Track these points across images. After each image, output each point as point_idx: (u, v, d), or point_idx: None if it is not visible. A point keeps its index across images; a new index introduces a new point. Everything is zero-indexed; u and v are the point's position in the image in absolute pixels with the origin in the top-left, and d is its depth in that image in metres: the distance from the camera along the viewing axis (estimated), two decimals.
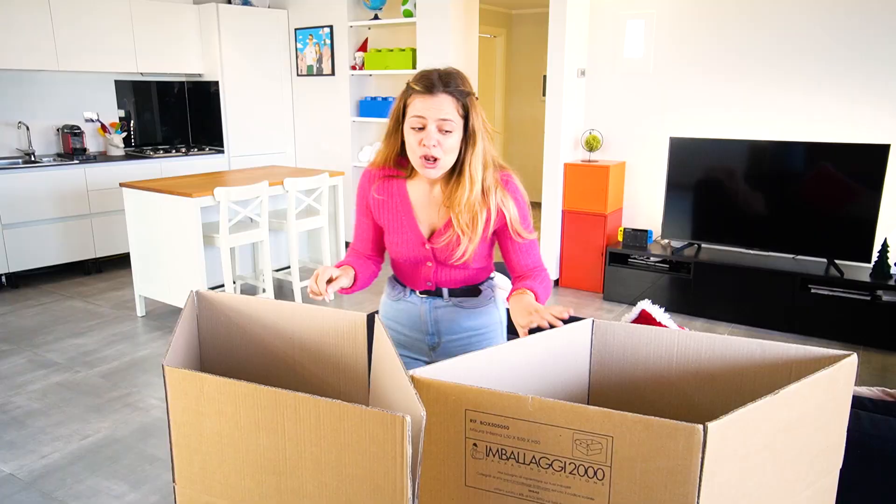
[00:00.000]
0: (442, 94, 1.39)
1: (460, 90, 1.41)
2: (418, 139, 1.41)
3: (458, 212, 1.47)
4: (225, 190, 3.67)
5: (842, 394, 1.14)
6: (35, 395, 3.07)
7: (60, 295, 4.55)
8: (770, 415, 1.00)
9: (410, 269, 1.61)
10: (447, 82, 1.40)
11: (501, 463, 1.10)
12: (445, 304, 1.62)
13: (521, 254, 1.58)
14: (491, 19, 7.47)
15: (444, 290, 1.61)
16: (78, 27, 4.84)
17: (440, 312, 1.62)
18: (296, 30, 5.93)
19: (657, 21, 4.44)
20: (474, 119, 1.43)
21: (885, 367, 3.45)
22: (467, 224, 1.48)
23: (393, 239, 1.57)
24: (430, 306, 1.63)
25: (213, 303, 1.44)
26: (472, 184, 1.45)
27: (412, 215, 1.54)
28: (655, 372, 1.37)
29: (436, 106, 1.38)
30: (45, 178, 4.66)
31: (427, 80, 1.40)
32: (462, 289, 1.62)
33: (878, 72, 3.79)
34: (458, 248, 1.50)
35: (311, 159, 6.16)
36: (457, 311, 1.63)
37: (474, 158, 1.45)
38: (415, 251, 1.55)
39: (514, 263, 1.59)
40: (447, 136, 1.41)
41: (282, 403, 1.01)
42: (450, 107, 1.39)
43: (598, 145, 4.64)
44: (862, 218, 3.67)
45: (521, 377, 1.34)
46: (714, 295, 4.07)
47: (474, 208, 1.47)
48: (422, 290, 1.63)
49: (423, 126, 1.40)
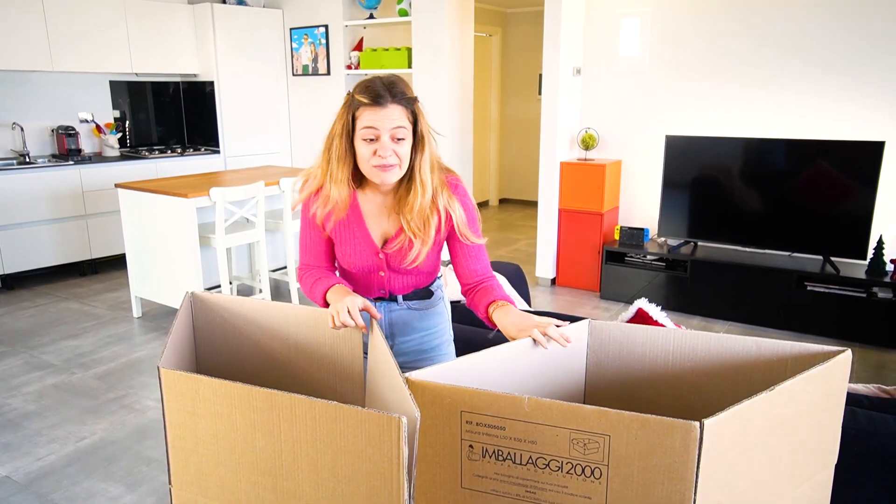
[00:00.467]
0: (391, 104, 1.39)
1: (407, 98, 1.42)
2: (371, 150, 1.41)
3: (411, 217, 1.47)
4: (221, 190, 3.67)
5: (836, 389, 1.14)
6: (31, 396, 3.07)
7: (56, 296, 4.54)
8: (765, 411, 1.00)
9: (363, 279, 1.60)
10: (394, 92, 1.40)
11: (498, 464, 1.10)
12: (399, 308, 1.63)
13: (470, 258, 1.57)
14: (486, 18, 7.47)
15: (399, 296, 1.61)
16: (72, 27, 4.82)
17: (394, 316, 1.63)
18: (291, 29, 5.92)
19: (652, 19, 4.44)
20: (422, 124, 1.45)
21: (880, 363, 3.46)
22: (419, 228, 1.48)
23: (345, 250, 1.56)
24: (385, 311, 1.63)
25: (209, 304, 1.44)
26: (423, 188, 1.46)
27: (364, 226, 1.54)
28: (652, 371, 1.37)
29: (387, 116, 1.39)
30: (39, 179, 4.64)
31: (373, 92, 1.39)
32: (415, 292, 1.63)
33: (872, 70, 3.80)
34: (410, 252, 1.50)
35: (306, 159, 6.15)
36: (411, 314, 1.64)
37: (423, 163, 1.45)
38: (368, 261, 1.55)
39: (463, 269, 1.59)
40: (400, 144, 1.41)
41: (278, 405, 1.01)
42: (400, 115, 1.40)
43: (594, 144, 4.65)
44: (857, 215, 3.68)
45: (517, 378, 1.34)
46: (710, 293, 4.08)
47: (426, 212, 1.48)
48: (375, 297, 1.63)
49: (376, 137, 1.40)
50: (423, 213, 1.48)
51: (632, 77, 4.60)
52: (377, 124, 1.39)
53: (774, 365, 1.27)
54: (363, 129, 1.40)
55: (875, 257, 3.70)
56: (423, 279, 1.63)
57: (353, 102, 1.43)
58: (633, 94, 4.63)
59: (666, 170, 4.23)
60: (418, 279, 1.62)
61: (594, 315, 4.16)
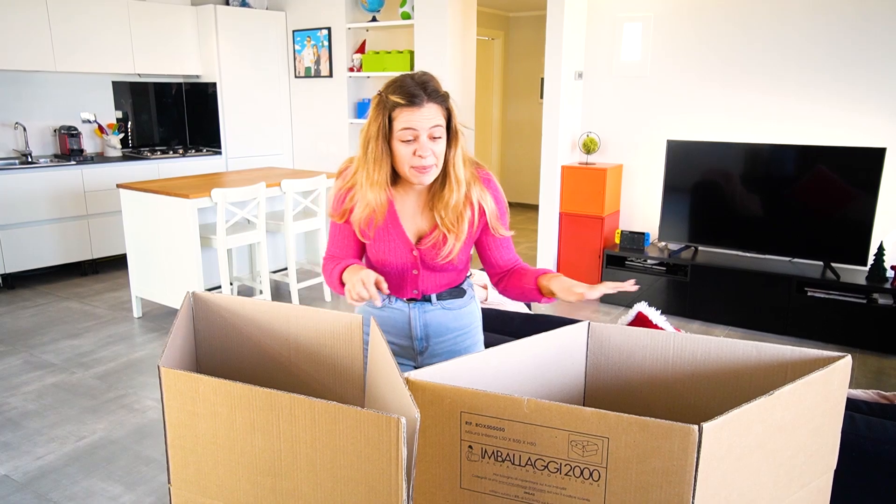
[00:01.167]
0: (427, 103, 1.39)
1: (441, 95, 1.42)
2: (411, 151, 1.41)
3: (445, 213, 1.48)
4: (222, 191, 3.67)
5: (836, 395, 1.14)
6: (30, 396, 3.07)
7: (56, 296, 4.54)
8: (764, 415, 1.00)
9: (396, 278, 1.60)
10: (428, 90, 1.40)
11: (497, 465, 1.10)
12: (434, 308, 1.63)
13: (502, 248, 1.60)
14: (489, 22, 7.49)
15: (432, 295, 1.61)
16: (75, 28, 4.83)
17: (429, 317, 1.63)
18: (294, 31, 5.93)
19: (654, 24, 4.45)
20: (454, 120, 1.45)
21: (880, 369, 3.46)
22: (452, 223, 1.49)
23: (379, 248, 1.56)
24: (419, 311, 1.63)
25: (210, 304, 1.44)
26: (458, 184, 1.47)
27: (398, 223, 1.54)
28: (651, 374, 1.38)
29: (424, 116, 1.39)
30: (41, 178, 4.65)
31: (408, 91, 1.39)
32: (448, 291, 1.63)
33: (874, 76, 3.80)
34: (444, 248, 1.51)
35: (308, 161, 6.16)
36: (444, 314, 1.64)
37: (457, 158, 1.46)
38: (402, 258, 1.55)
39: (494, 260, 1.61)
40: (437, 143, 1.42)
41: (277, 405, 1.01)
42: (436, 114, 1.40)
43: (595, 148, 4.65)
44: (858, 221, 3.69)
45: (517, 379, 1.34)
46: (711, 297, 4.08)
47: (459, 207, 1.49)
48: (408, 298, 1.62)
49: (415, 137, 1.40)
50: (458, 209, 1.48)
51: (633, 81, 4.61)
52: (415, 125, 1.39)
53: (774, 369, 1.27)
54: (401, 130, 1.40)
55: (875, 264, 3.70)
56: (455, 277, 1.63)
57: (387, 103, 1.41)
58: (634, 98, 4.63)
59: (667, 174, 4.24)
60: (450, 277, 1.62)
61: (594, 318, 4.16)
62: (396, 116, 1.40)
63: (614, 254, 4.43)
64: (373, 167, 1.45)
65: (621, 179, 4.78)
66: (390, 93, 1.40)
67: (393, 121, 1.41)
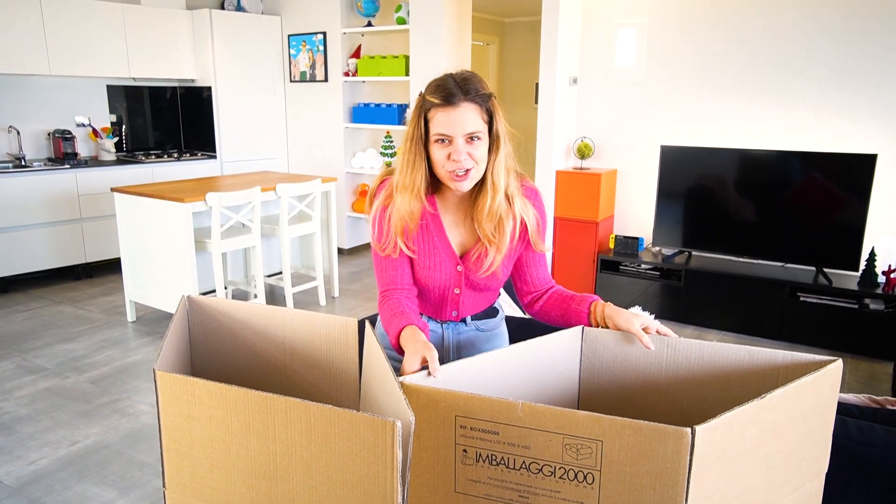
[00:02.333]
0: (464, 104, 1.30)
1: (481, 94, 1.32)
2: (446, 154, 1.32)
3: (482, 221, 1.40)
4: (217, 195, 3.67)
5: (827, 398, 1.15)
6: (23, 400, 3.05)
7: (50, 300, 4.53)
8: (756, 418, 1.01)
9: (437, 298, 1.51)
10: (466, 89, 1.31)
11: (492, 468, 1.11)
12: (468, 329, 1.56)
13: (539, 266, 1.52)
14: (484, 27, 7.52)
15: (468, 317, 1.55)
16: (70, 32, 4.83)
17: (462, 338, 1.56)
18: (289, 36, 5.94)
19: (648, 31, 4.48)
20: (498, 123, 1.35)
21: (871, 374, 3.48)
22: (492, 234, 1.40)
23: (424, 263, 1.46)
24: (453, 333, 1.56)
25: (205, 307, 1.45)
26: (494, 191, 1.37)
27: (444, 234, 1.45)
28: (645, 378, 1.38)
29: (460, 118, 1.30)
30: (35, 182, 4.64)
31: (445, 91, 1.31)
32: (483, 312, 1.57)
33: (865, 83, 3.84)
34: (486, 260, 1.42)
35: (303, 165, 6.17)
36: (477, 335, 1.58)
37: (497, 165, 1.36)
38: (446, 275, 1.47)
39: (531, 277, 1.53)
40: (476, 147, 1.33)
41: (273, 408, 1.01)
42: (475, 115, 1.31)
43: (589, 153, 4.67)
44: (850, 227, 3.71)
45: (511, 383, 1.34)
46: (704, 302, 4.10)
47: (498, 216, 1.39)
48: (445, 319, 1.54)
49: (450, 140, 1.31)
50: (495, 217, 1.39)
51: (627, 87, 4.64)
52: (450, 126, 1.30)
53: (766, 373, 1.28)
54: (437, 132, 1.32)
55: (867, 269, 3.73)
56: (491, 297, 1.57)
57: (423, 104, 1.34)
58: (628, 103, 4.66)
59: (661, 179, 4.26)
60: (488, 297, 1.55)
61: None
62: (432, 117, 1.32)
63: (608, 258, 4.45)
64: (407, 170, 1.37)
65: (615, 184, 4.80)
66: (428, 93, 1.34)
67: (429, 122, 1.33)
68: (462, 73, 1.35)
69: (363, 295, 4.75)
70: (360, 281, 5.10)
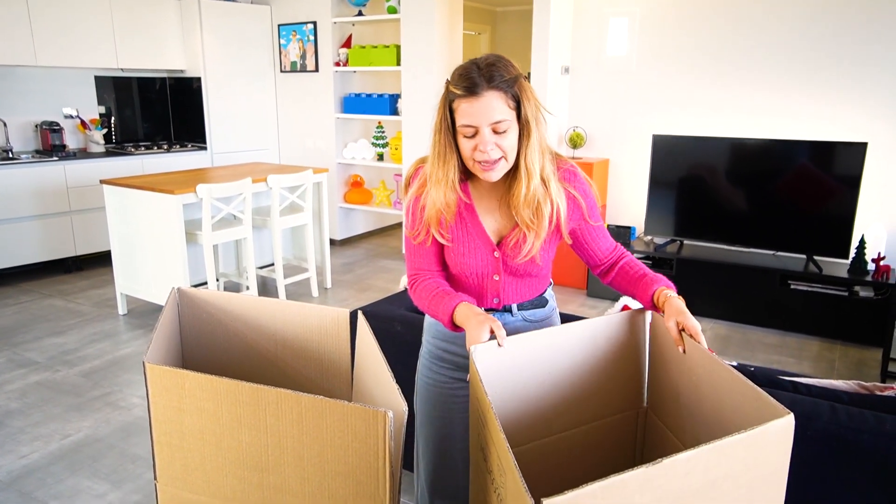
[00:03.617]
0: (488, 93, 1.25)
1: (506, 80, 1.26)
2: (472, 146, 1.29)
3: (519, 207, 1.36)
4: (208, 187, 3.65)
5: (770, 464, 0.94)
6: (14, 394, 3.03)
7: (40, 293, 4.49)
8: (644, 488, 0.83)
9: (476, 285, 1.47)
10: (490, 76, 1.25)
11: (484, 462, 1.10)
12: (515, 319, 1.50)
13: (599, 239, 1.50)
14: (475, 16, 7.48)
15: (513, 305, 1.49)
16: (56, 21, 4.76)
17: (509, 329, 1.47)
18: (279, 26, 5.89)
19: (640, 19, 4.47)
20: (526, 107, 1.29)
21: (861, 360, 3.51)
22: (531, 219, 1.36)
23: (458, 250, 1.43)
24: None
25: (195, 299, 1.44)
26: (529, 177, 1.32)
27: (478, 221, 1.42)
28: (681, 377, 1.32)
29: (485, 108, 1.25)
30: (23, 175, 4.59)
31: (468, 80, 1.26)
32: (529, 301, 1.51)
33: (856, 72, 3.85)
34: (524, 245, 1.39)
35: (295, 156, 6.13)
36: (525, 326, 1.50)
37: (530, 150, 1.31)
38: (482, 261, 1.43)
39: (594, 251, 1.51)
40: (504, 137, 1.28)
41: (264, 400, 1.01)
42: (500, 104, 1.26)
43: (581, 142, 4.67)
44: (840, 215, 3.73)
45: (577, 360, 1.34)
46: (696, 291, 4.11)
47: (535, 201, 1.35)
48: (487, 308, 1.49)
49: (476, 132, 1.28)
50: (532, 203, 1.35)
51: (619, 76, 4.63)
52: (474, 118, 1.26)
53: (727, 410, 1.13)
54: (461, 124, 1.28)
55: (857, 257, 3.75)
56: (538, 284, 1.51)
57: (448, 94, 1.30)
58: (620, 93, 4.65)
59: (653, 169, 4.26)
60: (533, 285, 1.50)
61: (581, 312, 4.18)
62: (457, 108, 1.28)
63: None
64: (438, 163, 1.34)
65: (608, 174, 4.80)
66: (453, 82, 1.29)
67: (454, 112, 1.30)
68: (487, 59, 1.29)
69: (355, 286, 4.74)
70: (352, 272, 5.09)
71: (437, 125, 1.32)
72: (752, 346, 3.71)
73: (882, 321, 3.56)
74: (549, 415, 1.31)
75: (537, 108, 1.31)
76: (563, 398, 1.34)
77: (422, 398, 1.55)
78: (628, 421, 1.45)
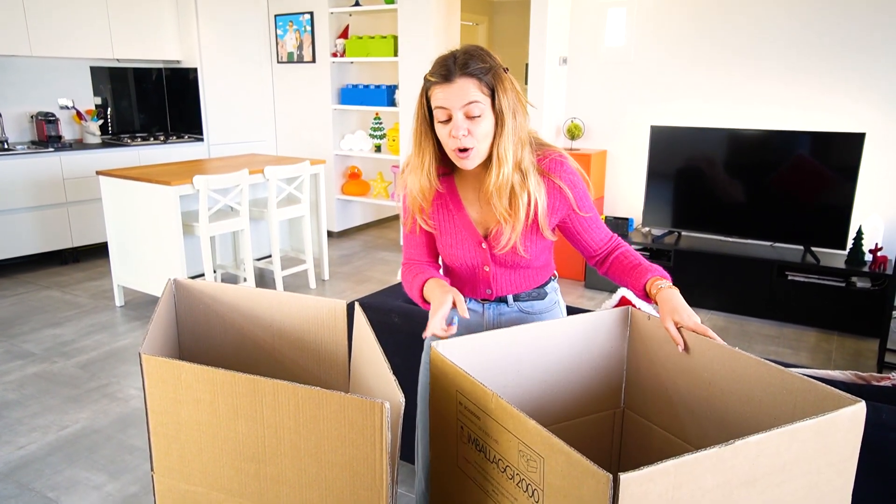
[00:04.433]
0: (461, 79, 1.27)
1: (481, 68, 1.28)
2: (447, 131, 1.30)
3: (490, 198, 1.36)
4: (204, 178, 3.63)
5: (840, 449, 0.96)
6: (11, 385, 3.03)
7: (37, 285, 4.48)
8: (717, 468, 0.85)
9: (468, 276, 1.48)
10: (465, 63, 1.27)
11: (477, 454, 1.10)
12: (510, 310, 1.50)
13: (591, 230, 1.47)
14: (473, 7, 7.44)
15: (509, 296, 1.49)
16: (51, 11, 4.73)
17: (504, 320, 1.49)
18: (276, 16, 5.85)
19: (638, 10, 4.45)
20: (501, 97, 1.30)
21: (857, 351, 3.52)
22: (507, 210, 1.36)
23: (447, 242, 1.45)
24: (494, 313, 1.50)
25: (192, 291, 1.43)
26: (499, 166, 1.32)
27: (464, 213, 1.43)
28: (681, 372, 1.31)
29: (456, 92, 1.27)
30: (18, 166, 4.57)
31: (443, 68, 1.28)
32: (526, 293, 1.50)
33: (854, 63, 3.84)
34: (502, 237, 1.39)
35: (292, 147, 6.11)
36: (522, 318, 1.50)
37: (503, 139, 1.31)
38: (471, 252, 1.44)
39: (586, 241, 1.49)
40: (477, 123, 1.29)
41: (260, 391, 1.01)
42: (472, 89, 1.27)
43: (579, 134, 4.66)
44: (837, 206, 3.73)
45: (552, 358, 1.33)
46: (694, 282, 4.12)
47: (506, 191, 1.34)
48: (481, 298, 1.50)
49: (449, 117, 1.29)
50: (503, 192, 1.34)
51: (617, 67, 4.61)
52: (446, 103, 1.28)
53: (780, 398, 1.11)
54: (436, 109, 1.30)
55: (854, 247, 3.76)
56: (533, 276, 1.49)
57: (425, 83, 1.33)
58: (618, 84, 4.64)
59: (650, 160, 4.26)
60: (528, 276, 1.48)
61: (579, 304, 4.18)
62: (432, 95, 1.31)
63: None
64: (416, 152, 1.37)
65: (605, 165, 4.79)
66: (429, 72, 1.31)
67: (430, 100, 1.32)
68: (466, 49, 1.31)
69: (353, 278, 4.74)
70: (349, 264, 5.09)
71: (416, 114, 1.36)
72: (750, 337, 3.72)
73: (879, 312, 3.57)
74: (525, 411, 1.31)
75: (517, 100, 1.32)
76: (540, 396, 1.34)
77: (423, 391, 1.56)
78: (605, 420, 1.44)
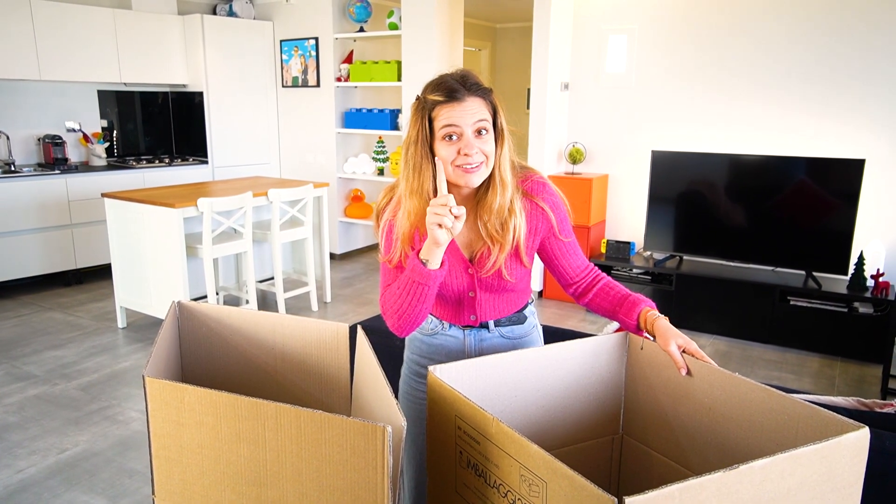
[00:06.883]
0: (469, 97, 1.28)
1: (484, 88, 1.31)
2: (454, 150, 1.28)
3: (488, 219, 1.35)
4: (208, 200, 3.66)
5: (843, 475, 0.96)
6: (12, 408, 3.02)
7: (40, 306, 4.49)
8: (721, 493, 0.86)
9: (453, 302, 1.46)
10: (468, 84, 1.29)
11: (476, 479, 1.10)
12: (492, 336, 1.49)
13: (571, 255, 1.47)
14: (476, 33, 7.54)
15: (490, 322, 1.48)
16: (61, 37, 4.81)
17: (485, 346, 1.48)
18: (281, 41, 5.94)
19: (639, 36, 4.51)
20: (500, 116, 1.32)
21: (861, 377, 3.50)
22: (497, 231, 1.36)
23: None
24: (475, 340, 1.49)
25: (195, 313, 1.44)
26: (503, 187, 1.33)
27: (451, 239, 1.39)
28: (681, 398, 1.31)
29: (467, 110, 1.27)
30: (25, 188, 4.61)
31: (447, 87, 1.28)
32: (507, 318, 1.50)
33: (854, 88, 3.88)
34: (489, 259, 1.38)
35: (295, 170, 6.16)
36: (504, 343, 1.50)
37: (503, 159, 1.33)
38: (457, 278, 1.42)
39: (566, 269, 1.47)
40: (485, 141, 1.29)
41: (263, 414, 1.01)
42: (481, 107, 1.29)
43: (581, 158, 4.69)
44: (839, 231, 3.74)
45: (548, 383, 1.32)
46: (696, 306, 4.11)
47: (504, 213, 1.35)
48: (464, 325, 1.49)
49: (458, 135, 1.27)
50: (502, 215, 1.35)
51: (619, 92, 4.66)
52: (457, 121, 1.26)
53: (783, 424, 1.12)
54: (442, 128, 1.27)
55: (856, 273, 3.76)
56: (515, 300, 1.49)
57: (425, 104, 1.30)
58: (619, 109, 4.68)
59: (652, 184, 4.28)
60: (510, 300, 1.48)
61: (580, 328, 4.18)
62: (437, 115, 1.28)
63: (600, 263, 4.46)
64: (413, 174, 1.31)
65: (607, 189, 4.82)
66: (428, 92, 1.31)
67: (433, 121, 1.29)
68: (459, 71, 1.33)
69: (355, 300, 4.74)
70: (352, 286, 5.09)
71: (411, 137, 1.31)
72: (753, 362, 3.71)
73: (882, 338, 3.55)
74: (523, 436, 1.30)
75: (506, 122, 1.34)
76: (538, 421, 1.33)
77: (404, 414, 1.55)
78: (603, 446, 1.43)
